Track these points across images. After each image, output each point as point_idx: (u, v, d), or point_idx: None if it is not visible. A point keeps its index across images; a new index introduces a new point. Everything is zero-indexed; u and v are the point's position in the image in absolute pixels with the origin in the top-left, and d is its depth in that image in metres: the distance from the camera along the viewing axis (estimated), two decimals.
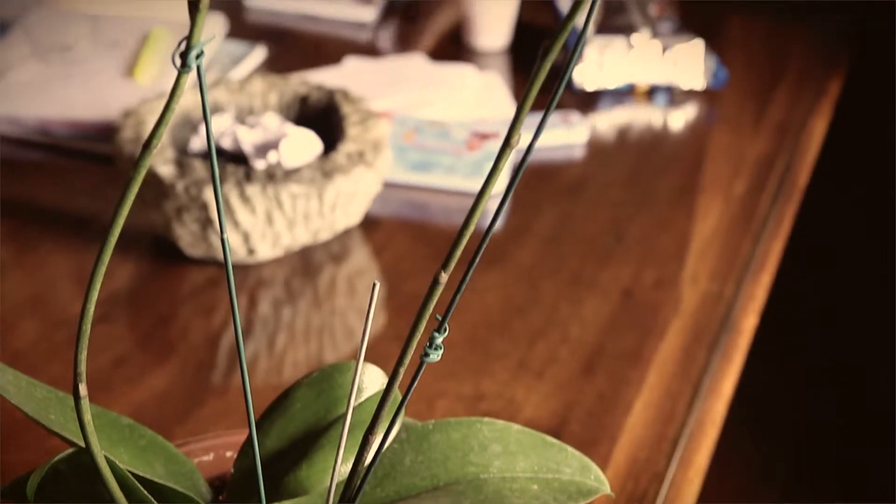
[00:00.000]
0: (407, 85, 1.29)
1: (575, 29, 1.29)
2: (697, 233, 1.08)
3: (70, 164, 1.16)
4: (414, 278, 0.99)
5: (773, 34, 1.53)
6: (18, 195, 1.10)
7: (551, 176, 1.17)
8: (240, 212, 0.94)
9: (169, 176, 0.94)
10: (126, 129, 1.00)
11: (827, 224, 1.84)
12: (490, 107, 1.27)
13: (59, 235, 1.04)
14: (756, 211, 1.12)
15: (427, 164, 1.13)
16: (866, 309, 2.03)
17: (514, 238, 1.06)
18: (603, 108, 1.31)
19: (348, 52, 1.40)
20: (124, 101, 1.14)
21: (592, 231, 1.07)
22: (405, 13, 1.53)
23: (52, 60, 1.25)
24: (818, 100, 1.35)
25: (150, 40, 1.29)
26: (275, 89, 1.10)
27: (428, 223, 1.10)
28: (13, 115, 1.17)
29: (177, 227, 0.96)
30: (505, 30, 1.42)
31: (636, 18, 1.34)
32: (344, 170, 0.96)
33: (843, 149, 1.50)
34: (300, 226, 0.97)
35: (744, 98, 1.34)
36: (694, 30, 1.35)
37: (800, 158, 1.23)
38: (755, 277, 1.03)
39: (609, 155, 1.23)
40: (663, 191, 1.15)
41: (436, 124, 1.18)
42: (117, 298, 0.95)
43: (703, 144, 1.25)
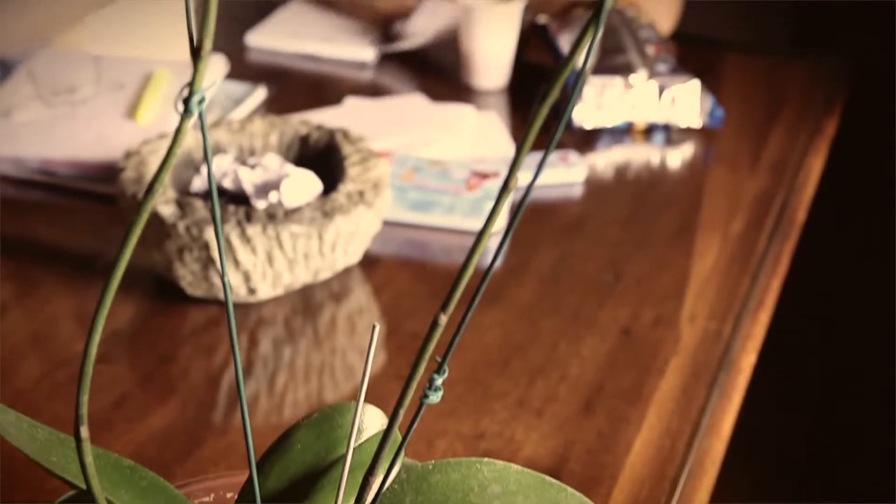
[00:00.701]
0: (407, 124, 1.30)
1: (573, 69, 1.30)
2: (696, 271, 1.09)
3: (72, 203, 1.16)
4: (414, 317, 1.00)
5: (770, 73, 1.54)
6: (20, 234, 1.11)
7: (550, 214, 1.18)
8: (241, 252, 0.94)
9: (170, 216, 0.95)
10: (128, 169, 1.01)
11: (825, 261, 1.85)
12: (489, 146, 1.28)
13: (61, 274, 1.05)
14: (754, 249, 1.13)
15: (427, 204, 1.13)
16: (865, 345, 2.03)
17: (513, 276, 1.06)
18: (601, 146, 1.32)
19: (348, 91, 1.41)
20: (126, 141, 1.15)
21: (591, 270, 1.08)
22: (404, 53, 1.54)
23: (55, 101, 1.26)
24: (815, 138, 1.36)
25: (152, 81, 1.30)
26: (275, 129, 1.11)
27: (428, 262, 1.10)
28: (16, 155, 1.18)
29: (178, 266, 0.96)
30: (504, 69, 1.44)
31: (634, 58, 1.35)
32: (344, 210, 0.97)
33: (840, 186, 1.51)
34: (301, 265, 0.97)
35: (741, 137, 1.35)
36: (691, 69, 1.37)
37: (797, 196, 1.24)
38: (754, 315, 1.03)
39: (607, 193, 1.24)
40: (661, 229, 1.16)
41: (435, 164, 1.19)
42: (118, 338, 0.96)
43: (701, 183, 1.26)
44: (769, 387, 1.31)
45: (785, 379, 1.88)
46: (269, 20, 1.59)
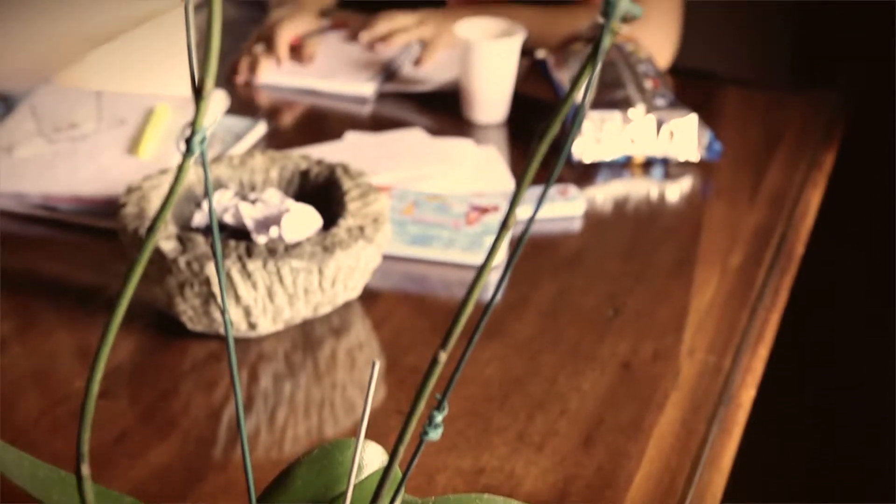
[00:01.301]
0: (406, 159, 1.30)
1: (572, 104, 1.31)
2: (695, 305, 1.09)
3: (73, 238, 1.17)
4: (414, 351, 1.00)
5: (767, 107, 1.55)
6: (21, 269, 1.11)
7: (549, 248, 1.18)
8: (241, 287, 0.95)
9: (171, 251, 0.95)
10: (129, 204, 1.02)
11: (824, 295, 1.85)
12: (488, 180, 1.29)
13: (62, 309, 1.05)
14: (753, 282, 1.13)
15: (426, 238, 1.14)
16: (865, 379, 2.03)
17: (512, 311, 1.06)
18: (600, 180, 1.33)
19: (348, 126, 1.42)
20: (128, 176, 1.16)
21: (591, 303, 1.08)
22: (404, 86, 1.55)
23: (57, 137, 1.27)
24: (813, 171, 1.37)
25: (153, 117, 1.31)
26: (276, 164, 1.11)
27: (428, 296, 1.11)
28: (18, 191, 1.18)
29: (179, 301, 0.97)
30: (503, 104, 1.44)
31: (632, 93, 1.36)
32: (344, 244, 0.97)
33: (839, 220, 1.51)
34: (301, 300, 0.97)
35: (739, 170, 1.36)
36: (689, 103, 1.37)
37: (795, 230, 1.25)
38: (753, 349, 1.03)
39: (606, 227, 1.24)
40: (661, 263, 1.16)
41: (435, 198, 1.20)
42: (119, 373, 0.96)
43: (700, 216, 1.27)
44: (769, 420, 1.31)
45: (784, 413, 1.87)
46: (269, 57, 1.60)
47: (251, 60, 1.56)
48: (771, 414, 1.32)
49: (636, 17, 0.37)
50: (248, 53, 1.57)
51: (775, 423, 1.72)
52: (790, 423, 1.96)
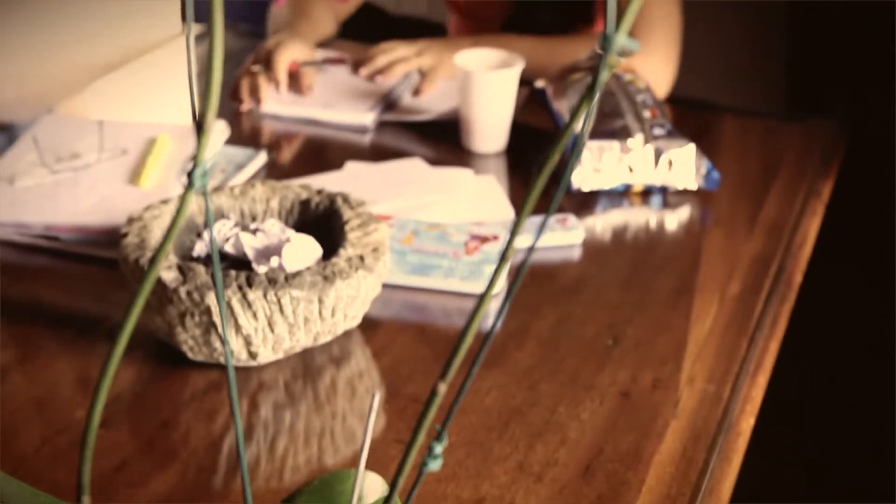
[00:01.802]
0: (406, 188, 1.31)
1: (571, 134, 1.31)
2: (694, 333, 1.09)
3: (75, 268, 1.17)
4: (414, 381, 1.00)
5: (765, 136, 1.56)
6: (23, 299, 1.12)
7: (549, 277, 1.19)
8: (242, 316, 0.95)
9: (172, 281, 0.95)
10: (131, 234, 1.02)
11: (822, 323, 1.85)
12: (488, 209, 1.29)
13: (63, 339, 1.05)
14: (752, 311, 1.13)
15: (426, 267, 1.14)
16: (864, 407, 2.03)
17: (512, 340, 1.07)
18: (599, 209, 1.33)
19: (348, 155, 1.43)
20: (129, 206, 1.17)
21: (590, 332, 1.09)
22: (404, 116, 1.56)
23: (58, 167, 1.28)
24: (811, 200, 1.38)
25: (154, 147, 1.31)
26: (276, 194, 1.12)
27: (428, 325, 1.11)
28: (20, 221, 1.19)
29: (179, 331, 0.97)
30: (502, 133, 1.45)
31: (630, 122, 1.37)
32: (344, 274, 0.98)
33: (837, 248, 1.52)
34: (301, 329, 0.98)
35: (737, 199, 1.37)
36: (687, 132, 1.38)
37: (794, 258, 1.25)
38: (752, 378, 1.04)
39: (606, 256, 1.25)
40: (660, 292, 1.17)
41: (435, 227, 1.20)
42: (119, 402, 0.96)
43: (698, 245, 1.27)
44: (768, 449, 1.31)
45: (784, 441, 1.87)
46: (270, 86, 1.61)
47: (251, 82, 1.56)
48: (770, 442, 1.32)
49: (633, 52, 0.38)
50: (247, 75, 1.57)
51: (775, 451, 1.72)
52: (790, 452, 1.96)
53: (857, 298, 2.12)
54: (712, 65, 2.84)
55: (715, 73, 2.84)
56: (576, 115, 0.47)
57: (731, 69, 2.95)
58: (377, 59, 1.60)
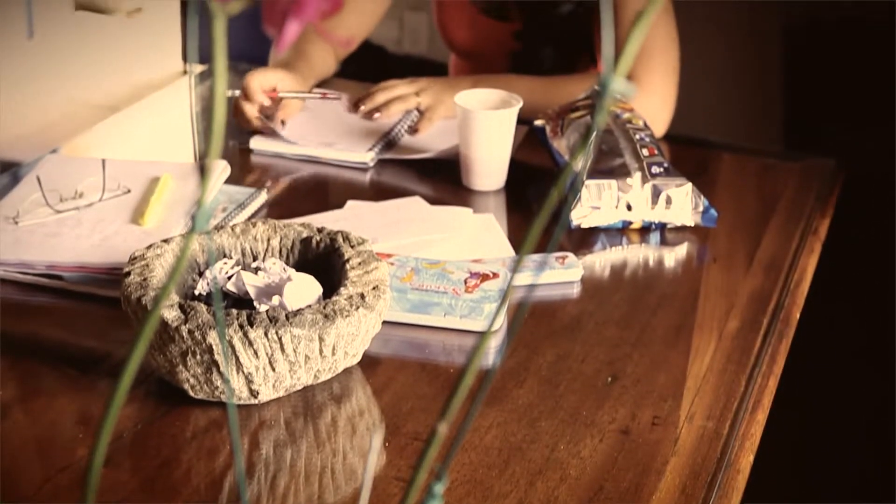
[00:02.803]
0: (406, 227, 1.32)
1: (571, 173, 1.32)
2: (693, 370, 1.10)
3: (77, 306, 1.18)
4: (414, 418, 1.01)
5: (762, 174, 1.57)
6: (25, 336, 1.12)
7: (548, 314, 1.19)
8: (243, 355, 0.96)
9: (174, 320, 0.96)
10: (133, 273, 1.03)
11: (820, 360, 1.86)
12: (487, 247, 1.30)
13: (65, 376, 1.06)
14: (750, 348, 1.14)
15: (426, 305, 1.15)
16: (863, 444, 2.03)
17: (512, 377, 1.07)
18: (598, 246, 1.34)
19: (348, 193, 1.44)
20: (132, 245, 1.18)
21: (589, 369, 1.09)
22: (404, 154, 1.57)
23: (62, 206, 1.29)
24: (808, 238, 1.39)
25: (157, 186, 1.33)
26: (277, 233, 1.13)
27: (428, 362, 1.11)
28: (23, 260, 1.20)
29: (181, 370, 0.98)
30: (501, 171, 1.47)
31: (629, 160, 1.38)
32: (345, 312, 0.99)
33: (834, 286, 1.53)
34: (302, 368, 0.98)
35: (735, 236, 1.38)
36: (684, 170, 1.39)
37: (791, 296, 1.26)
38: (751, 415, 1.04)
39: (605, 293, 1.25)
40: (658, 328, 1.17)
41: (434, 265, 1.21)
42: (120, 441, 0.96)
43: (697, 282, 1.28)
44: (767, 486, 1.31)
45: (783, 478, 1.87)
46: (274, 127, 1.62)
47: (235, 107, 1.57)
48: (769, 479, 1.32)
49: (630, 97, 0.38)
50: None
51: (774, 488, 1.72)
52: (788, 489, 1.96)
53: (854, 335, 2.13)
54: (710, 103, 2.87)
55: (712, 111, 2.86)
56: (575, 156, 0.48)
57: (728, 107, 2.97)
58: (376, 96, 1.61)
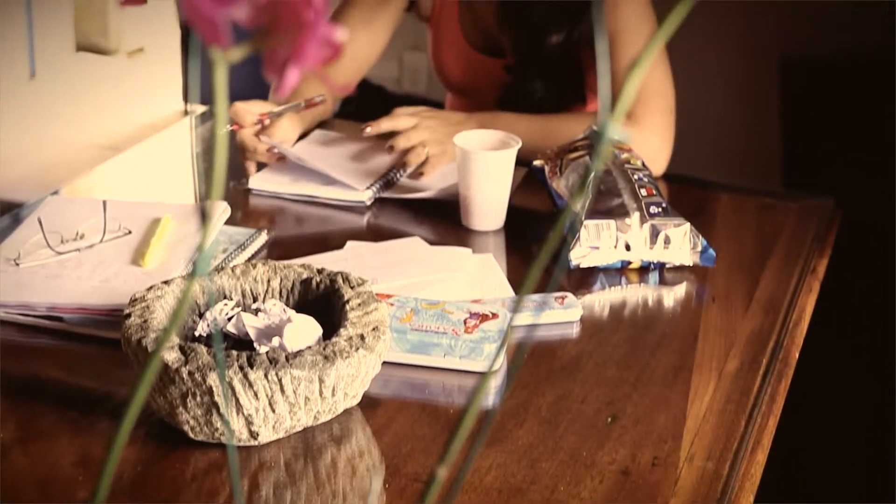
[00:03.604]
0: (406, 267, 1.33)
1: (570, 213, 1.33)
2: (693, 411, 1.10)
3: (78, 348, 1.18)
4: (414, 459, 1.01)
5: (760, 213, 1.58)
6: (25, 377, 1.13)
7: (548, 354, 1.19)
8: (243, 396, 0.96)
9: (174, 361, 0.96)
10: (133, 315, 1.03)
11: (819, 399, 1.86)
12: (486, 287, 1.31)
13: (65, 418, 1.06)
14: (750, 388, 1.14)
15: (426, 346, 1.15)
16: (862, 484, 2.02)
17: (512, 417, 1.07)
18: (597, 286, 1.35)
19: (347, 233, 1.45)
20: (132, 286, 1.18)
21: (589, 410, 1.09)
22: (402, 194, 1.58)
23: (63, 248, 1.30)
24: (806, 277, 1.39)
25: (157, 227, 1.33)
26: (277, 274, 1.13)
27: (428, 403, 1.12)
28: (24, 301, 1.20)
29: (181, 411, 0.98)
30: (500, 212, 1.47)
31: (627, 200, 1.38)
32: (345, 353, 0.99)
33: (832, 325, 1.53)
34: (302, 409, 0.99)
35: (734, 276, 1.38)
36: (683, 210, 1.40)
37: (790, 335, 1.26)
38: (751, 455, 1.04)
39: (604, 333, 1.26)
40: (658, 368, 1.17)
41: (434, 305, 1.22)
42: (121, 483, 0.96)
43: (696, 322, 1.28)
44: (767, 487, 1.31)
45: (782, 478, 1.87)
46: (270, 165, 1.63)
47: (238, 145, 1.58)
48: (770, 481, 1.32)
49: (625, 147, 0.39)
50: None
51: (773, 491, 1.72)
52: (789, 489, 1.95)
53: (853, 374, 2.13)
54: (708, 142, 2.88)
55: (710, 150, 2.87)
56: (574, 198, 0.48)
57: (726, 147, 2.99)
58: (381, 122, 1.61)
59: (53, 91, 1.75)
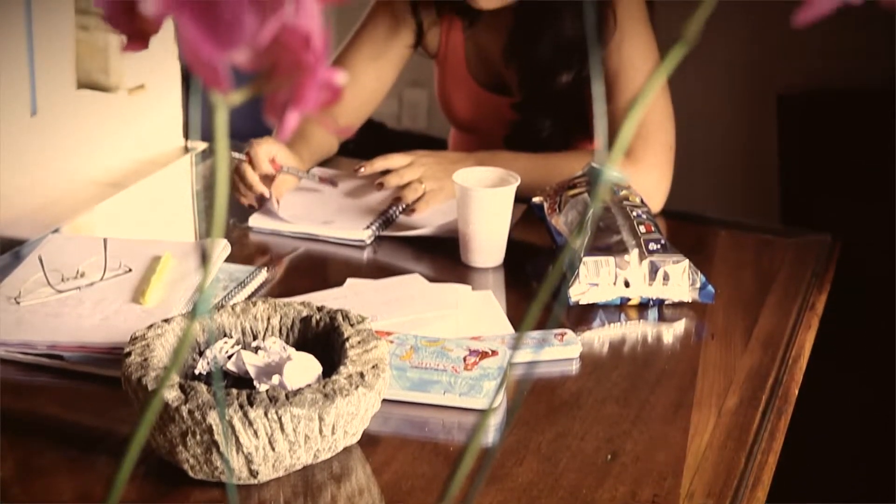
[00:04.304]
0: (405, 304, 1.33)
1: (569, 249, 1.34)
2: (692, 448, 1.10)
3: (78, 386, 1.18)
4: (414, 497, 1.00)
5: (759, 250, 1.58)
6: (25, 415, 1.13)
7: (547, 391, 1.19)
8: (243, 435, 0.96)
9: (174, 400, 0.96)
10: (134, 354, 1.03)
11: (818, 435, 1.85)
12: (486, 324, 1.31)
13: (65, 456, 1.06)
14: (749, 425, 1.14)
15: (426, 383, 1.15)
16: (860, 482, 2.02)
17: (511, 455, 1.07)
18: (596, 323, 1.35)
19: (347, 270, 1.45)
20: (133, 324, 1.18)
21: (589, 447, 1.09)
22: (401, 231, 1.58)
23: (63, 286, 1.30)
24: (805, 314, 1.39)
25: (158, 265, 1.34)
26: (277, 312, 1.14)
27: (427, 441, 1.11)
28: (25, 340, 1.20)
29: (181, 450, 0.98)
30: (499, 248, 1.48)
31: (626, 237, 1.39)
32: (345, 391, 0.99)
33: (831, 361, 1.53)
34: (301, 447, 0.99)
35: (732, 312, 1.38)
36: (681, 246, 1.41)
37: (789, 372, 1.26)
38: (750, 492, 1.04)
39: (603, 370, 1.26)
40: (657, 405, 1.17)
41: (434, 343, 1.22)
42: None
43: (695, 358, 1.28)
44: None
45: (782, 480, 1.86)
46: (269, 203, 1.63)
47: (238, 174, 1.58)
48: None
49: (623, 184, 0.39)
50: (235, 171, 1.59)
51: None
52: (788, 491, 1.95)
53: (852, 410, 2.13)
54: (706, 179, 2.89)
55: (709, 186, 2.88)
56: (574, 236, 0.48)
57: (724, 183, 3.00)
58: (375, 162, 1.62)
59: (54, 128, 1.76)
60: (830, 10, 0.45)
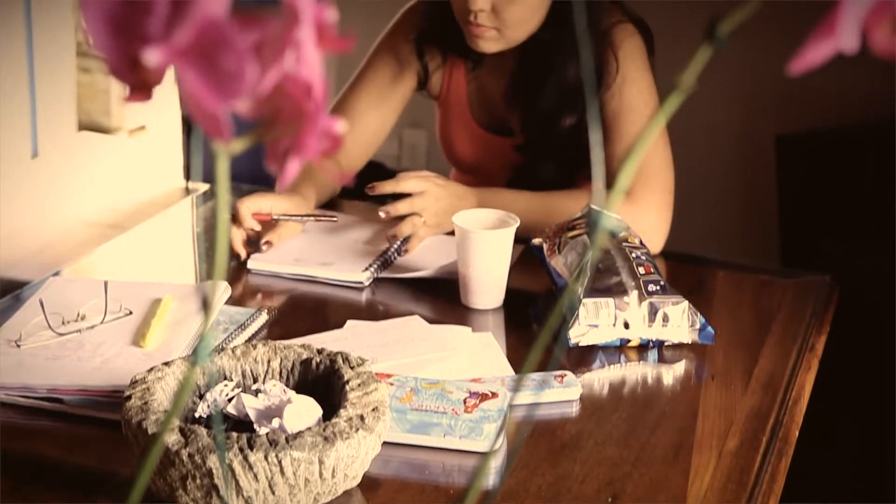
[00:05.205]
0: (405, 347, 1.33)
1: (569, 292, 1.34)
2: (693, 490, 1.10)
3: (78, 429, 1.18)
4: None
5: (758, 291, 1.58)
6: (25, 458, 1.12)
7: (547, 433, 1.19)
8: (243, 478, 0.96)
9: (174, 444, 0.96)
10: (134, 397, 1.03)
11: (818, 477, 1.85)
12: (486, 366, 1.31)
13: (65, 498, 1.06)
14: (750, 467, 1.14)
15: (426, 426, 1.15)
16: None
17: (512, 498, 1.07)
18: (596, 364, 1.35)
19: (347, 312, 1.45)
20: (133, 367, 1.19)
21: (589, 490, 1.09)
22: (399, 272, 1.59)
23: (64, 329, 1.30)
24: (805, 355, 1.39)
25: (158, 308, 1.34)
26: (277, 355, 1.14)
27: (428, 483, 1.11)
28: (25, 384, 1.20)
29: (181, 493, 0.98)
30: (499, 290, 1.48)
31: (626, 278, 1.39)
32: (345, 434, 0.99)
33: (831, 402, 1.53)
34: (301, 491, 0.98)
35: (732, 354, 1.38)
36: (681, 288, 1.41)
37: (790, 414, 1.26)
38: None
39: (603, 412, 1.26)
40: (658, 447, 1.17)
41: (434, 385, 1.22)
42: None
43: (695, 400, 1.28)
44: None
45: None
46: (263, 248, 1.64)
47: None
48: None
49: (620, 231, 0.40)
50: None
51: None
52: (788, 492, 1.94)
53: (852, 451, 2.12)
54: (705, 220, 2.90)
55: (708, 228, 2.89)
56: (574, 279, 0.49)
57: (723, 224, 3.01)
58: (385, 185, 1.61)
59: (55, 170, 1.77)
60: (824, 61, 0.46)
